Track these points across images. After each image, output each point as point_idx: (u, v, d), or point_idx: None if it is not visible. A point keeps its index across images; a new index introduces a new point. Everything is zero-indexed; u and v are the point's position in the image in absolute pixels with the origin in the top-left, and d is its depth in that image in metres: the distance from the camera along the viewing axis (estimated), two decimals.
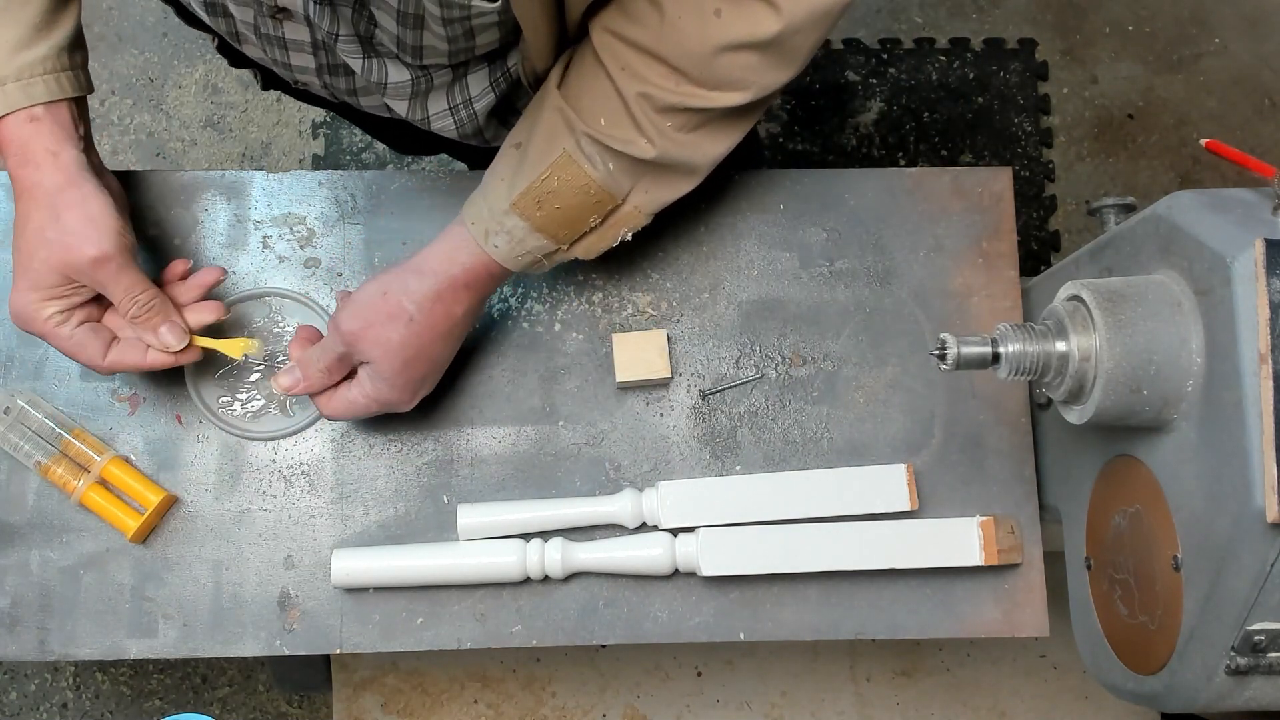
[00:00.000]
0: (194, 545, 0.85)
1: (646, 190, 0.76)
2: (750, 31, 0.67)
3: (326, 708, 1.61)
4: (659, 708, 1.35)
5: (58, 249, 0.72)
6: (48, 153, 0.73)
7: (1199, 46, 1.82)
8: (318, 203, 0.90)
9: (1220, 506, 0.60)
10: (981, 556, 0.82)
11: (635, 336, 0.86)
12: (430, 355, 0.78)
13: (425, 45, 0.71)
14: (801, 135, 1.79)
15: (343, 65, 0.77)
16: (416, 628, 0.84)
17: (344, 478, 0.86)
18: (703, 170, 0.76)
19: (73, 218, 0.73)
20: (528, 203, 0.74)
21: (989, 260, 0.90)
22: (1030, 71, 1.81)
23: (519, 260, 0.77)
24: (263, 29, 0.74)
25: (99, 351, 0.77)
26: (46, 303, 0.74)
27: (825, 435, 0.87)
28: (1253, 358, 0.57)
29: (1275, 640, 0.61)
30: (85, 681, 1.63)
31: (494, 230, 0.75)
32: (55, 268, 0.73)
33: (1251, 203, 0.64)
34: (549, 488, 0.86)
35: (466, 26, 0.69)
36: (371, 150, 1.78)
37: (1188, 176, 1.78)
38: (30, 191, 0.73)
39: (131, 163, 1.77)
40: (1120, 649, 0.74)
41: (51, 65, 0.73)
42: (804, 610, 0.85)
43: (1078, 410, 0.67)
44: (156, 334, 0.78)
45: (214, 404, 0.86)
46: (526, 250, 0.76)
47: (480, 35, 0.72)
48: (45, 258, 0.73)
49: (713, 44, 0.68)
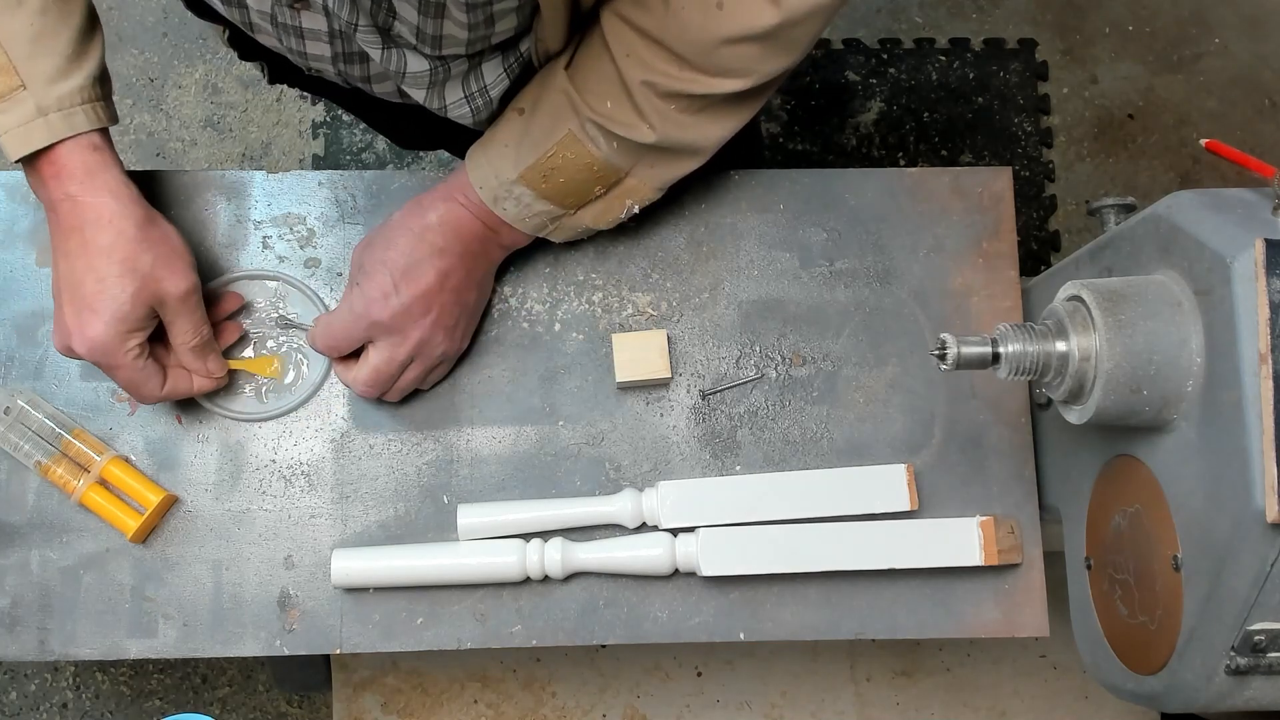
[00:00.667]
0: (194, 545, 0.85)
1: (651, 166, 0.78)
2: (750, 24, 0.69)
3: (326, 708, 1.61)
4: (659, 708, 1.35)
5: (150, 282, 0.74)
6: (122, 183, 0.75)
7: (1199, 46, 1.82)
8: (318, 203, 0.90)
9: (1220, 506, 0.60)
10: (981, 557, 0.82)
11: (635, 336, 0.86)
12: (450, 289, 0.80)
13: (445, 35, 0.72)
14: (801, 135, 1.80)
15: (359, 53, 0.78)
16: (416, 628, 0.84)
17: (344, 478, 0.86)
18: (706, 151, 0.78)
19: (163, 251, 0.75)
20: (534, 175, 0.77)
21: (989, 260, 0.90)
22: (1030, 71, 1.81)
23: (527, 223, 0.80)
24: (280, 18, 0.75)
25: (159, 384, 0.79)
26: (131, 334, 0.75)
27: (825, 435, 0.87)
28: (1253, 358, 0.57)
29: (1275, 640, 0.61)
30: (85, 681, 1.63)
31: (502, 196, 0.78)
32: (145, 301, 0.74)
33: (1251, 203, 0.64)
34: (549, 488, 0.86)
35: (488, 13, 0.70)
36: (371, 150, 1.78)
37: (1188, 176, 1.78)
38: (104, 220, 0.73)
39: (131, 163, 1.77)
40: (1120, 649, 0.74)
41: (88, 95, 0.74)
42: (804, 610, 0.85)
43: (1078, 410, 0.67)
44: (207, 364, 0.81)
45: None
46: (534, 213, 0.80)
47: (500, 22, 0.73)
48: (135, 291, 0.74)
49: (714, 35, 0.70)
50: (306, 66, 0.82)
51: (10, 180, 0.89)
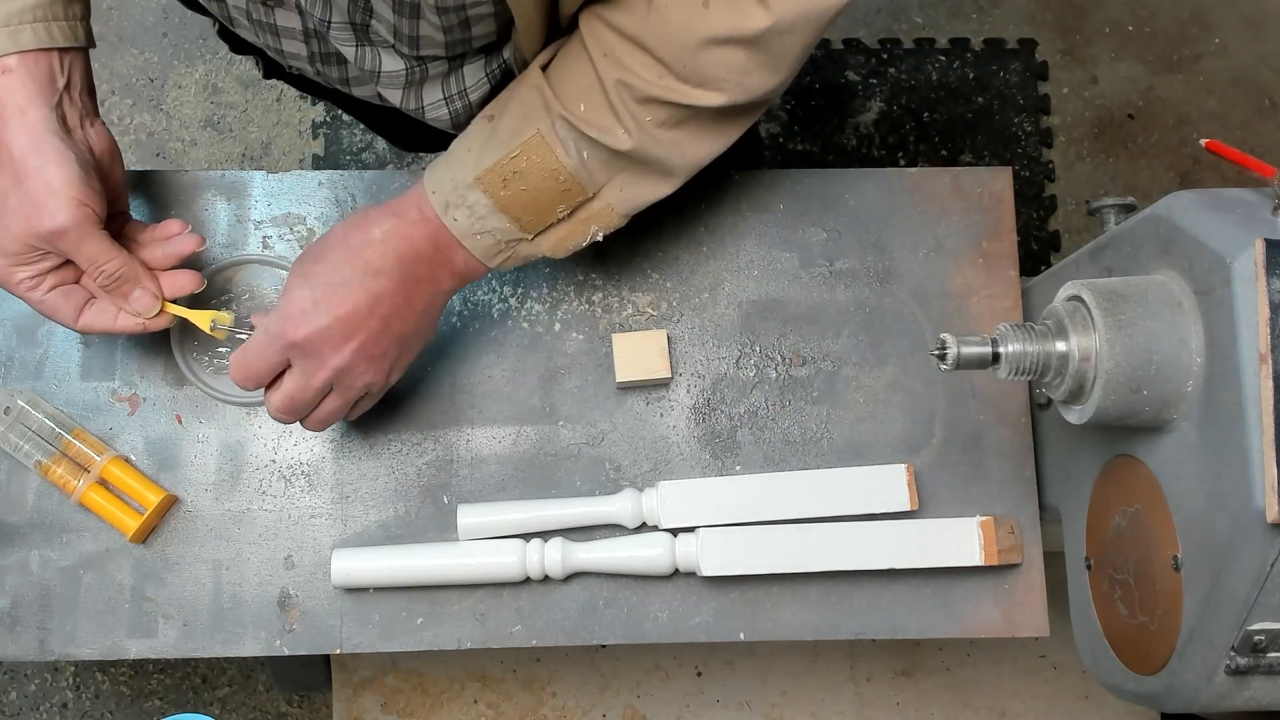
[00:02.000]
0: (194, 545, 0.85)
1: (621, 188, 0.73)
2: (737, 25, 0.65)
3: (326, 708, 1.61)
4: (659, 708, 1.35)
5: (19, 217, 0.70)
6: (16, 109, 0.70)
7: (1199, 46, 1.82)
8: (318, 203, 0.90)
9: (1220, 506, 0.60)
10: (981, 557, 0.82)
11: (635, 336, 0.86)
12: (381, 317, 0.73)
13: (422, 35, 0.70)
14: (801, 135, 1.79)
15: (335, 54, 0.76)
16: (416, 628, 0.84)
17: (344, 478, 0.86)
18: (681, 174, 0.73)
19: (34, 185, 0.69)
20: (493, 179, 0.71)
21: (989, 260, 0.90)
22: (1030, 71, 1.81)
23: (478, 241, 0.73)
24: (254, 14, 0.74)
25: (71, 315, 0.75)
26: (16, 268, 0.72)
27: (825, 435, 0.87)
28: (1253, 358, 0.57)
29: (1275, 640, 0.61)
30: (85, 681, 1.63)
31: (454, 203, 0.72)
32: (18, 236, 0.71)
33: (1251, 203, 0.64)
34: (549, 488, 0.86)
35: (462, 16, 0.69)
36: (371, 150, 1.78)
37: (1188, 176, 1.78)
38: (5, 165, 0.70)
39: (131, 163, 1.77)
40: (1120, 649, 0.74)
41: (42, 14, 0.70)
42: (804, 610, 0.85)
43: (1078, 410, 0.67)
44: (128, 300, 0.75)
45: (195, 365, 0.86)
46: (487, 229, 0.73)
47: (476, 26, 0.71)
48: (8, 225, 0.70)
49: (698, 36, 0.66)
50: (286, 65, 0.81)
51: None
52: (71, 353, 0.87)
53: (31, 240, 0.71)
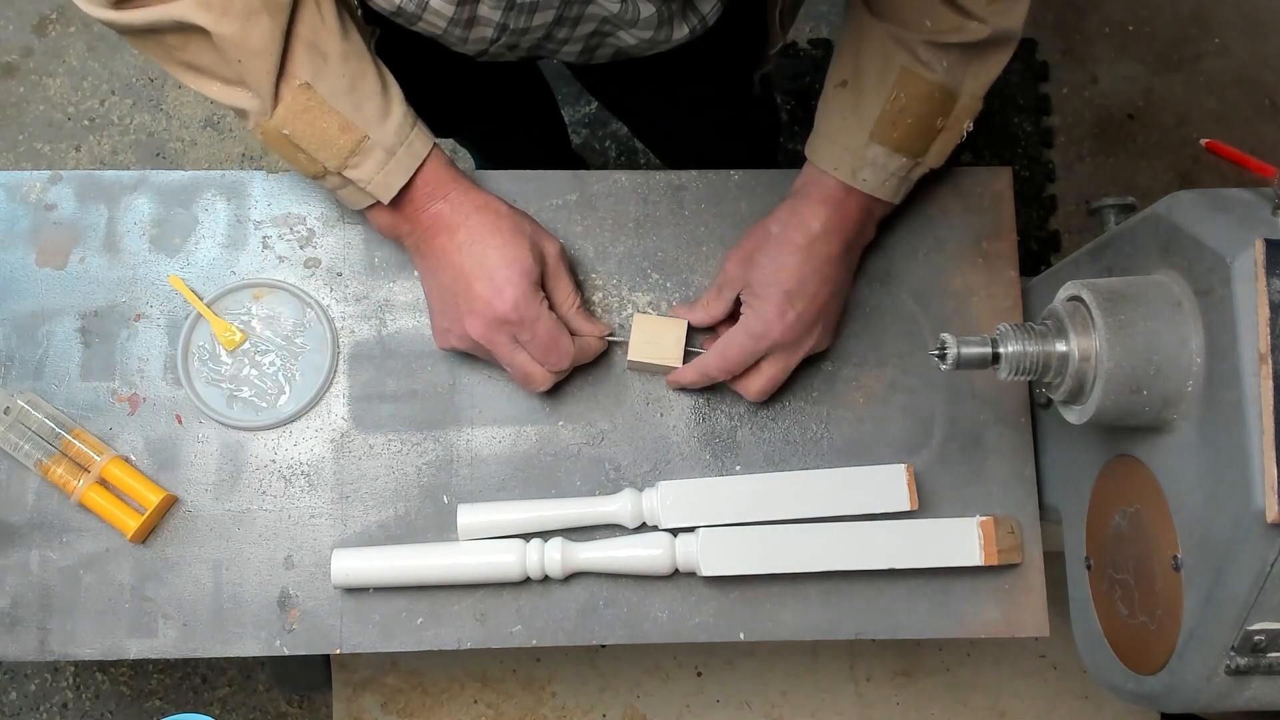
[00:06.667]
0: (194, 545, 0.85)
1: (975, 75, 0.78)
2: None
3: (326, 708, 1.61)
4: (659, 708, 1.35)
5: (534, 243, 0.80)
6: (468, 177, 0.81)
7: (1199, 46, 1.82)
8: (318, 203, 0.90)
9: (1220, 506, 0.60)
10: (981, 557, 0.82)
11: (657, 320, 0.86)
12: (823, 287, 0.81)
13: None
14: (802, 136, 1.79)
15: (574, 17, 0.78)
16: (416, 628, 0.84)
17: (344, 478, 0.86)
18: (1018, 35, 0.78)
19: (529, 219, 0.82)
20: (883, 127, 0.78)
21: (989, 260, 0.90)
22: (1030, 71, 1.81)
23: (887, 186, 0.81)
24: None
25: (570, 339, 0.82)
26: (538, 288, 0.79)
27: (825, 435, 0.87)
28: (1253, 358, 0.57)
29: (1275, 640, 0.61)
30: (85, 681, 1.63)
31: (858, 166, 0.79)
32: (538, 258, 0.80)
33: (1251, 203, 0.64)
34: (549, 488, 0.86)
35: None
36: None
37: (1188, 176, 1.78)
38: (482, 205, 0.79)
39: (131, 163, 1.77)
40: (1120, 649, 0.74)
41: (411, 118, 0.78)
42: (804, 610, 0.85)
43: (1078, 410, 0.67)
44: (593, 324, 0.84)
45: (193, 376, 0.87)
46: (890, 173, 0.80)
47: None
48: (530, 247, 0.79)
49: None
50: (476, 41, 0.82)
51: (10, 180, 0.89)
52: (71, 353, 0.87)
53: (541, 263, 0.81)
